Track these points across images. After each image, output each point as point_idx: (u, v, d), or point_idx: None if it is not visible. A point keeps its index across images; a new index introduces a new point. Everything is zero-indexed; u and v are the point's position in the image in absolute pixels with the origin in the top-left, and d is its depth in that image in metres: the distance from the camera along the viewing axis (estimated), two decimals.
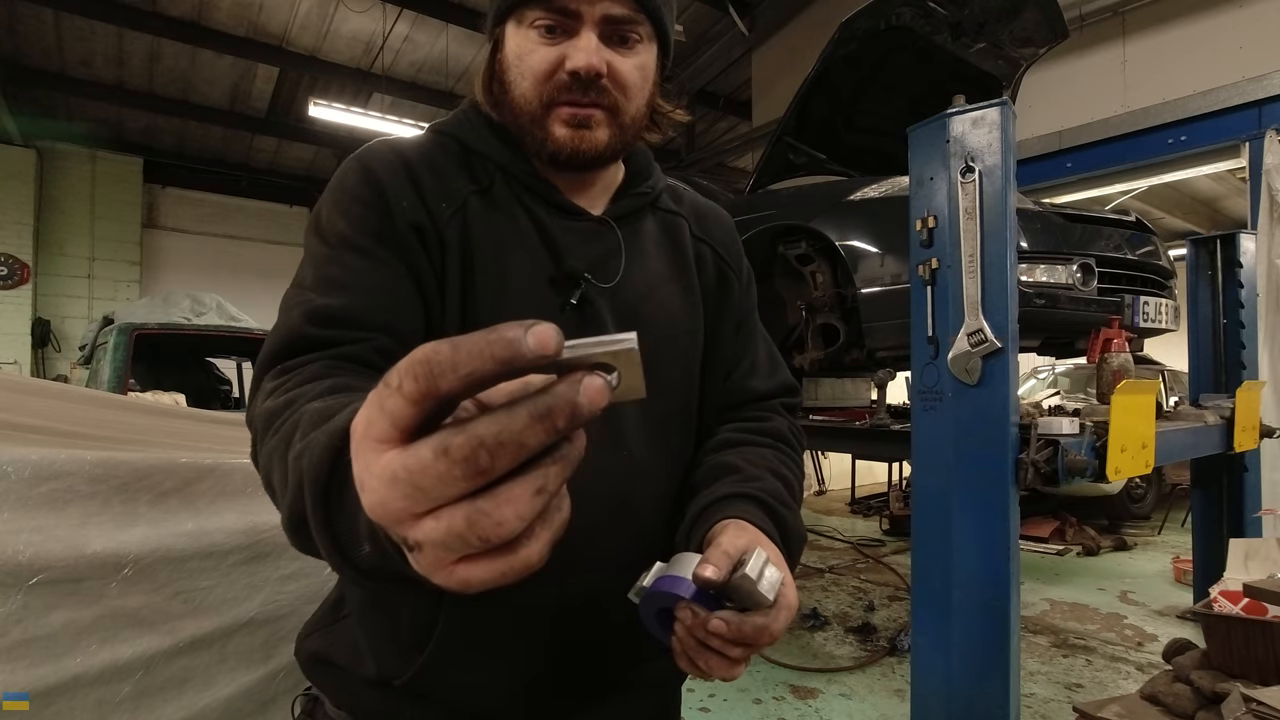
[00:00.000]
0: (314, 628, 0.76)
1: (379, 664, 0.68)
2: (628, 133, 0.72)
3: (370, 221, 0.65)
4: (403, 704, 0.67)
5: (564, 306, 0.69)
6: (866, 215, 2.56)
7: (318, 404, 0.48)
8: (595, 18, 0.66)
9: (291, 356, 0.58)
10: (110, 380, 4.22)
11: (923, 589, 1.89)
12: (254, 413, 0.56)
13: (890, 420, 2.54)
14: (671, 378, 0.75)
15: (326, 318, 0.59)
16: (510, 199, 0.71)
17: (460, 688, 0.66)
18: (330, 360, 0.57)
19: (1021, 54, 3.08)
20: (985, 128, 1.79)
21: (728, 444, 0.78)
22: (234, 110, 8.66)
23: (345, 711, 0.72)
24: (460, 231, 0.67)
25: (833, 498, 7.42)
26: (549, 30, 0.67)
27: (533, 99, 0.68)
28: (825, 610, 3.72)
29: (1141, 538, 5.49)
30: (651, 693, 0.77)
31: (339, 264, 0.63)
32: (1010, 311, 1.76)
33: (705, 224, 0.85)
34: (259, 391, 0.57)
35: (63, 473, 1.10)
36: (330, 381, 0.53)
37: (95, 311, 7.91)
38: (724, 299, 0.83)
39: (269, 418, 0.51)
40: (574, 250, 0.71)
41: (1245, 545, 2.04)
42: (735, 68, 7.71)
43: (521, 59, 0.68)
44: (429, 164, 0.70)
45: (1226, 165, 4.63)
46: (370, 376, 0.55)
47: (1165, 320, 2.56)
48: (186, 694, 1.16)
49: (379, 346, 0.60)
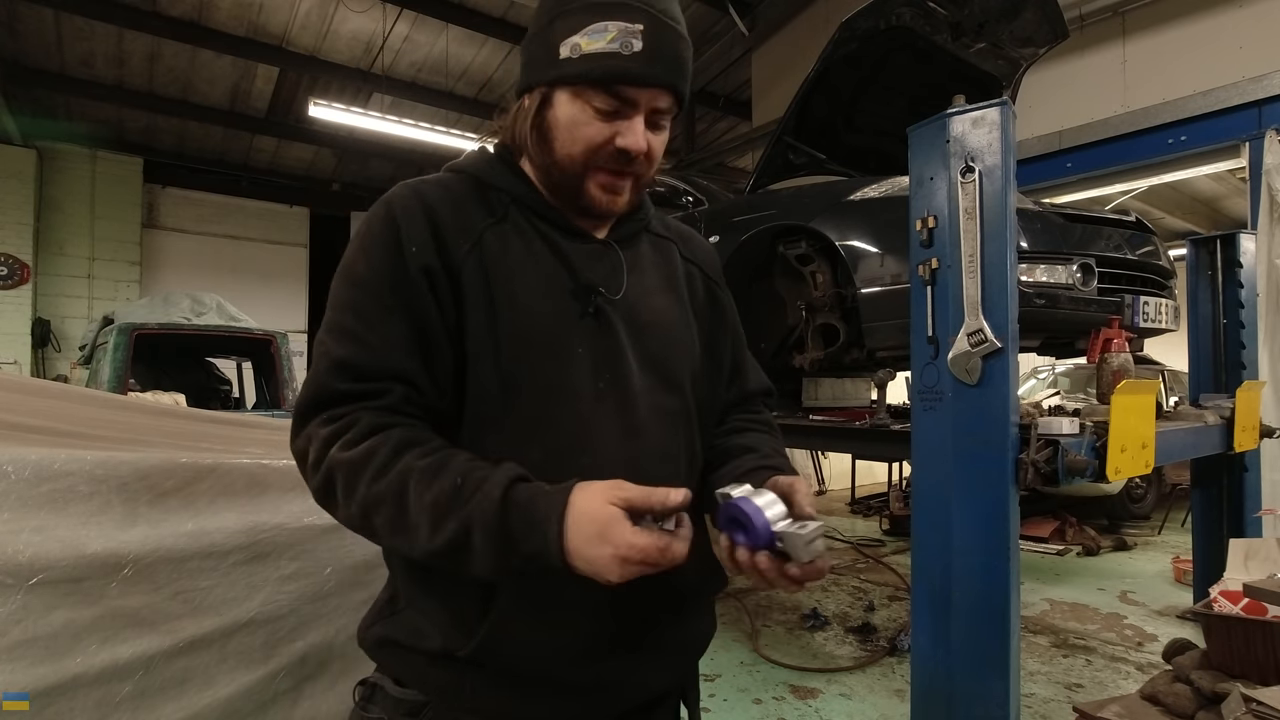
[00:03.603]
0: (374, 619, 0.84)
1: (444, 637, 0.75)
2: (643, 191, 0.87)
3: (387, 266, 0.75)
4: (465, 675, 0.75)
5: (583, 314, 0.79)
6: (866, 215, 2.56)
7: (415, 461, 0.67)
8: (647, 108, 0.78)
9: (332, 406, 0.72)
10: (110, 380, 4.22)
11: (923, 589, 1.89)
12: (322, 457, 0.70)
13: (890, 420, 2.54)
14: (679, 377, 0.86)
15: (347, 370, 0.72)
16: (525, 225, 0.82)
17: (519, 654, 0.75)
18: (374, 412, 0.71)
19: (1021, 54, 3.08)
20: (985, 128, 1.79)
21: (740, 430, 0.95)
22: (234, 110, 8.66)
23: (408, 688, 0.78)
24: (479, 263, 0.77)
25: (833, 498, 7.42)
26: (607, 111, 0.77)
27: (579, 161, 0.79)
28: (825, 610, 3.72)
29: (1141, 538, 5.49)
30: (678, 656, 0.88)
31: (355, 312, 0.74)
32: (1010, 311, 1.76)
33: (691, 247, 0.99)
34: (312, 437, 0.71)
35: (63, 473, 1.10)
36: (396, 437, 0.69)
37: (95, 311, 7.91)
38: (716, 312, 0.97)
39: (353, 467, 0.68)
40: (585, 267, 0.82)
41: (1245, 545, 2.04)
42: (735, 68, 7.72)
43: (576, 127, 0.78)
44: (451, 202, 0.79)
45: (1226, 165, 4.63)
46: (410, 424, 0.72)
47: (1165, 320, 2.56)
48: (186, 694, 1.16)
49: (403, 395, 0.73)
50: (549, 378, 0.76)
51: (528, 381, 0.76)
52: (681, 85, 0.79)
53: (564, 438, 0.76)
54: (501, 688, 0.75)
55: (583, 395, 0.77)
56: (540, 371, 0.76)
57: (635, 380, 0.80)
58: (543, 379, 0.76)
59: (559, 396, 0.76)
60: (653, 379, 0.83)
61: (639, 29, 0.74)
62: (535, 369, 0.76)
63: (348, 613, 1.33)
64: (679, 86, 0.79)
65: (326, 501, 0.73)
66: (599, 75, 0.75)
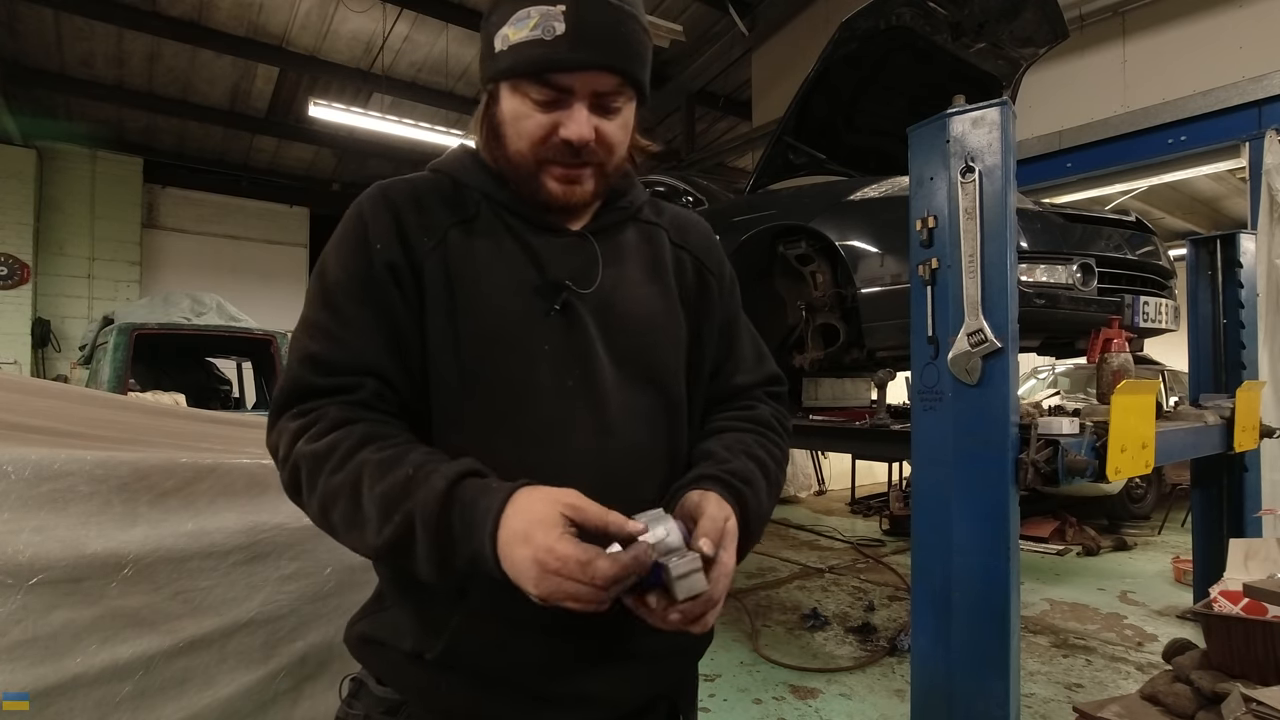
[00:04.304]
0: (361, 615, 0.84)
1: (415, 639, 0.74)
2: (612, 178, 0.82)
3: (356, 264, 0.75)
4: (437, 677, 0.74)
5: (549, 312, 0.76)
6: (866, 215, 2.56)
7: (372, 455, 0.65)
8: (586, 93, 0.73)
9: (303, 401, 0.71)
10: (110, 380, 4.22)
11: (923, 589, 1.89)
12: (290, 451, 0.69)
13: (890, 420, 2.54)
14: (656, 371, 0.82)
15: (320, 365, 0.72)
16: (494, 223, 0.79)
17: (485, 662, 0.73)
18: (342, 406, 0.70)
19: (1021, 54, 3.08)
20: (985, 128, 1.79)
21: (713, 431, 0.87)
22: (234, 110, 8.66)
23: (388, 688, 0.78)
24: (441, 260, 0.75)
25: (833, 498, 7.41)
26: (543, 102, 0.73)
27: (528, 157, 0.76)
28: (825, 610, 3.72)
29: (1141, 538, 5.49)
30: (663, 664, 0.82)
31: (329, 308, 0.74)
32: (1010, 311, 1.76)
33: (684, 232, 0.93)
34: (284, 430, 0.71)
35: (63, 473, 1.10)
36: (360, 431, 0.68)
37: (95, 311, 7.90)
38: (704, 300, 0.90)
39: (316, 459, 0.67)
40: (555, 261, 0.78)
41: (1245, 545, 2.04)
42: (735, 68, 7.70)
43: (518, 121, 0.75)
44: (415, 202, 0.78)
45: (1226, 165, 4.63)
46: (380, 420, 0.71)
47: (1165, 320, 2.56)
48: (186, 694, 1.16)
49: (375, 390, 0.72)
50: (512, 376, 0.74)
51: (489, 380, 0.73)
52: (622, 63, 0.73)
53: (526, 436, 0.73)
54: (475, 689, 0.73)
55: (548, 393, 0.74)
56: (503, 369, 0.74)
57: (607, 376, 0.77)
58: (505, 377, 0.74)
59: (522, 394, 0.74)
60: (628, 375, 0.79)
61: (560, 10, 0.70)
62: (499, 367, 0.74)
63: (348, 613, 1.31)
64: (618, 65, 0.73)
65: (296, 497, 0.71)
66: (524, 66, 0.72)
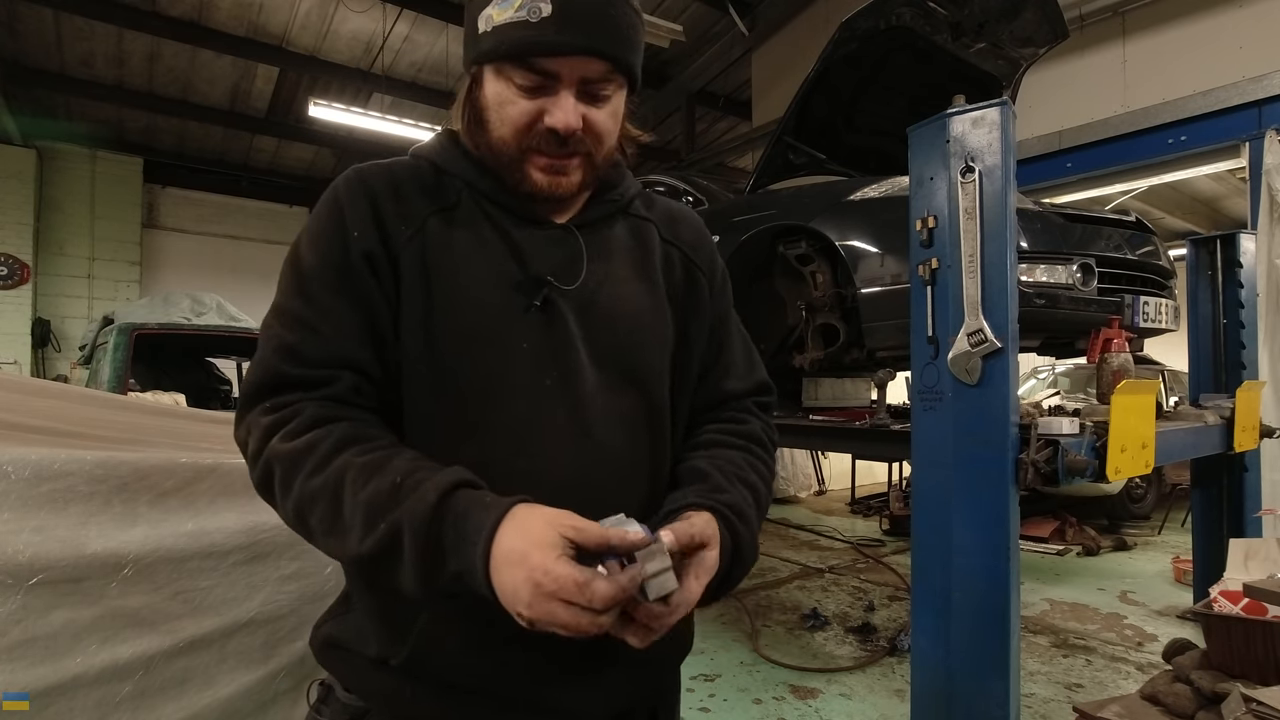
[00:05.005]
0: (328, 617, 0.80)
1: (379, 644, 0.72)
2: (600, 169, 0.78)
3: (333, 252, 0.71)
4: (402, 684, 0.71)
5: (528, 308, 0.72)
6: (866, 215, 2.56)
7: (355, 458, 0.62)
8: (573, 80, 0.70)
9: (276, 393, 0.67)
10: (110, 380, 4.22)
11: (923, 589, 1.89)
12: (262, 448, 0.65)
13: (890, 420, 2.54)
14: (639, 373, 0.78)
15: (294, 355, 0.68)
16: (475, 213, 0.76)
17: (451, 666, 0.70)
18: (319, 402, 0.66)
19: (1021, 54, 3.08)
20: (985, 128, 1.79)
21: (704, 445, 0.83)
22: (234, 110, 8.65)
23: (354, 694, 0.75)
24: (419, 251, 0.72)
25: (833, 498, 7.41)
26: (528, 87, 0.70)
27: (511, 144, 0.72)
28: (825, 610, 3.72)
29: (1141, 538, 5.49)
30: (640, 672, 0.78)
31: (304, 297, 0.70)
32: (1010, 311, 1.76)
33: (675, 227, 0.89)
34: (255, 424, 0.67)
35: (63, 473, 1.10)
36: (340, 431, 0.65)
37: (95, 311, 7.90)
38: (693, 298, 0.86)
39: (292, 459, 0.63)
40: (537, 255, 0.75)
41: (1245, 545, 2.04)
42: (735, 68, 7.70)
43: (501, 107, 0.72)
44: (393, 189, 0.74)
45: (1226, 165, 4.63)
46: (359, 418, 0.67)
47: (1165, 320, 2.56)
48: (186, 694, 1.16)
49: (351, 384, 0.68)
50: (488, 374, 0.70)
51: (464, 378, 0.70)
52: (612, 48, 0.70)
53: (501, 437, 0.70)
54: (441, 699, 0.70)
55: (525, 393, 0.71)
56: (479, 367, 0.70)
57: (588, 377, 0.73)
58: (481, 375, 0.70)
59: (498, 394, 0.70)
60: (610, 375, 0.75)
61: None
62: (474, 364, 0.70)
63: None
64: (608, 50, 0.70)
65: (268, 496, 0.68)
66: (508, 49, 0.69)
